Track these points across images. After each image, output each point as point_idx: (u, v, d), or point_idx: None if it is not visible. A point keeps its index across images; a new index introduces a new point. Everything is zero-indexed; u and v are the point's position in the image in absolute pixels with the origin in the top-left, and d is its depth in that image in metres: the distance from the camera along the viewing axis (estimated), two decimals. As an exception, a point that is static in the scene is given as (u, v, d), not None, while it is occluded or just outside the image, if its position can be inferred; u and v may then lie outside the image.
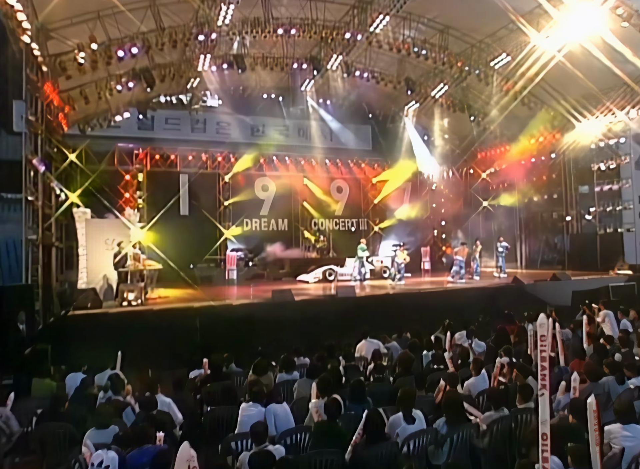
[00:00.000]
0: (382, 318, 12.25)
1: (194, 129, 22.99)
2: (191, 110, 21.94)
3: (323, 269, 18.46)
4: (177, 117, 22.65)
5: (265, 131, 23.85)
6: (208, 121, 23.32)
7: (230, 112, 23.03)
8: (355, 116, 24.71)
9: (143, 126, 22.20)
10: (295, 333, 11.24)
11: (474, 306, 13.23)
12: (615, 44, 15.88)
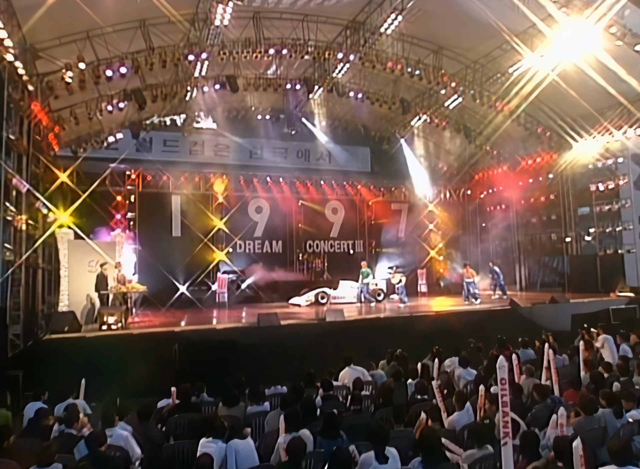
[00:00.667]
0: (371, 343, 11.69)
1: (192, 151, 22.81)
2: (184, 132, 21.59)
3: (315, 292, 17.95)
4: (175, 139, 22.46)
5: (264, 153, 23.64)
6: (206, 143, 23.13)
7: (228, 135, 22.86)
8: (351, 138, 24.50)
9: (141, 148, 22.04)
10: (279, 359, 10.71)
11: (467, 331, 12.67)
12: (609, 62, 15.64)
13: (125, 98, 17.72)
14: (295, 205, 23.13)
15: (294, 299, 18.38)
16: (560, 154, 21.22)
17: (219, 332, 11.36)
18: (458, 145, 24.35)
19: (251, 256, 21.98)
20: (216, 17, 14.27)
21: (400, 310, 16.08)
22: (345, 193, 24.12)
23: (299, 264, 22.59)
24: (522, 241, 23.57)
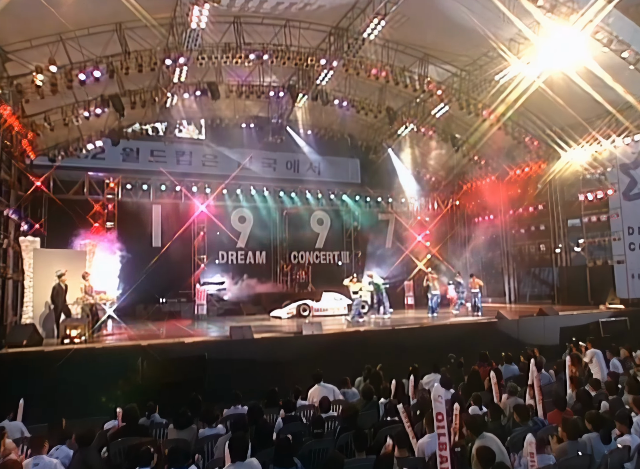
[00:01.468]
0: (350, 358, 11.05)
1: (179, 162, 22.23)
2: (166, 141, 21.04)
3: (297, 304, 17.29)
4: (162, 149, 21.93)
5: (253, 164, 23.16)
6: (194, 153, 22.62)
7: (212, 145, 22.36)
8: (340, 149, 24.02)
9: (128, 158, 21.51)
10: (251, 375, 10.06)
11: (451, 345, 12.04)
12: (596, 69, 15.27)
13: (102, 104, 17.19)
14: (280, 215, 22.55)
15: (275, 311, 17.71)
16: (548, 163, 20.81)
17: (188, 347, 10.66)
18: (446, 155, 23.94)
19: (234, 267, 21.30)
20: (193, 19, 13.75)
21: (382, 323, 15.42)
22: (330, 203, 23.55)
23: (283, 275, 21.95)
24: (511, 252, 23.07)
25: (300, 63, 17.11)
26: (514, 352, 12.37)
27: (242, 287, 20.13)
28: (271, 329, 13.44)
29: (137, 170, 21.22)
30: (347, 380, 8.62)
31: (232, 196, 21.71)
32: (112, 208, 19.70)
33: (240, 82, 19.05)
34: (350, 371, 9.75)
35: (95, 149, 20.29)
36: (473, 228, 24.36)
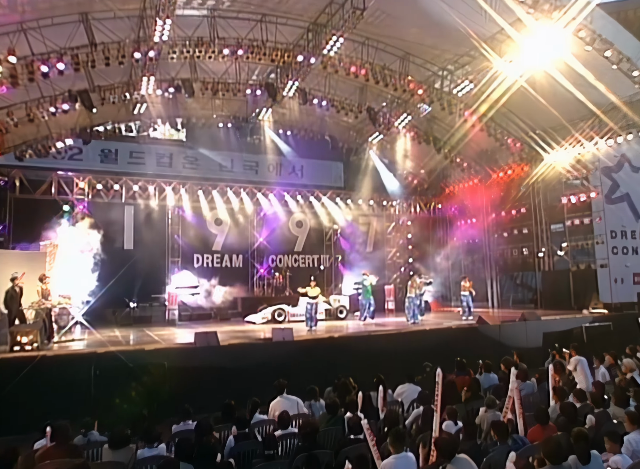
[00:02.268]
0: (321, 367, 10.40)
1: (159, 164, 21.42)
2: (139, 140, 20.25)
3: (272, 309, 16.55)
4: (142, 151, 21.14)
5: (234, 167, 22.52)
6: (174, 155, 21.85)
7: (197, 147, 21.72)
8: (317, 149, 23.37)
9: (106, 160, 20.73)
10: (211, 386, 9.36)
11: (429, 352, 11.44)
12: (578, 68, 14.85)
13: (70, 100, 16.37)
14: (257, 218, 21.84)
15: (250, 316, 16.95)
16: (531, 166, 20.40)
17: (148, 355, 9.89)
18: (427, 157, 23.46)
19: (209, 271, 20.51)
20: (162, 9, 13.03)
21: (359, 328, 14.74)
22: (310, 206, 22.88)
23: (260, 279, 21.20)
24: (493, 256, 22.59)
25: (277, 59, 16.45)
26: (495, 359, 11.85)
27: (217, 291, 19.34)
28: (241, 336, 12.69)
29: (116, 172, 20.41)
30: (315, 391, 7.90)
31: (207, 197, 20.93)
32: (81, 209, 18.81)
33: (216, 80, 18.35)
34: (322, 380, 9.07)
35: (67, 148, 19.51)
36: (455, 232, 23.85)
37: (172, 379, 9.31)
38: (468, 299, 16.82)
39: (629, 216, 19.58)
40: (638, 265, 19.36)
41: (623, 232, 19.35)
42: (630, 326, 15.08)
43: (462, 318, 16.36)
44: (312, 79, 19.69)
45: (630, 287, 18.95)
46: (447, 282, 23.46)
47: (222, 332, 13.46)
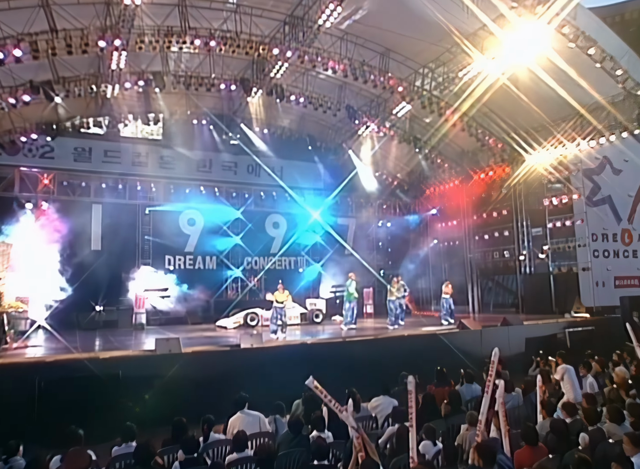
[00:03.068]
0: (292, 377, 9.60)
1: (134, 163, 20.43)
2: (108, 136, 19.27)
3: (245, 313, 15.70)
4: (117, 149, 20.17)
5: (213, 168, 21.69)
6: (150, 154, 20.89)
7: (175, 146, 20.82)
8: (296, 148, 22.66)
9: (80, 158, 19.73)
10: (170, 399, 8.51)
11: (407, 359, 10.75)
12: (560, 64, 14.36)
13: (32, 91, 15.38)
14: (232, 218, 20.98)
15: (221, 320, 16.09)
16: (513, 167, 19.91)
17: (102, 363, 9.01)
18: (407, 157, 22.89)
19: (181, 273, 19.60)
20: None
21: (334, 334, 13.97)
22: (287, 206, 22.12)
23: (234, 282, 20.34)
24: (474, 259, 22.05)
25: (251, 52, 15.67)
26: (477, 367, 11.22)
27: (189, 294, 18.46)
28: (208, 342, 11.84)
29: (90, 171, 19.43)
30: (281, 406, 7.13)
31: (180, 196, 20.03)
32: (44, 207, 17.78)
33: (189, 73, 17.53)
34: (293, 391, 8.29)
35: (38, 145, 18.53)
36: (435, 234, 23.29)
37: (126, 391, 8.46)
38: (449, 302, 16.18)
39: (610, 219, 19.18)
40: (619, 268, 18.97)
41: (604, 235, 18.92)
42: (613, 330, 14.58)
43: (443, 322, 15.71)
44: (290, 76, 19.00)
45: (611, 291, 18.52)
46: (427, 285, 22.86)
47: (188, 338, 12.69)
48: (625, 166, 19.30)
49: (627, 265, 19.18)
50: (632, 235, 19.44)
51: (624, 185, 19.32)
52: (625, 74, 15.46)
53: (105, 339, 13.37)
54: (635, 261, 19.30)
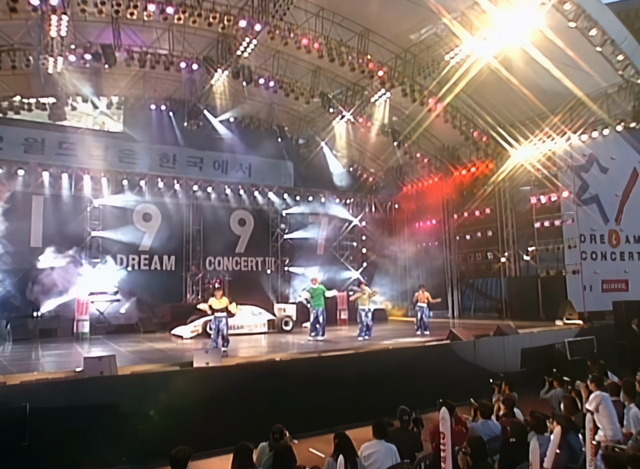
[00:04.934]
0: (257, 406, 7.67)
1: (92, 157, 17.97)
2: (52, 117, 16.83)
3: (204, 320, 13.53)
4: (73, 141, 17.72)
5: (177, 163, 19.58)
6: (109, 147, 18.54)
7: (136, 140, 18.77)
8: (264, 139, 20.62)
9: (31, 150, 17.43)
10: (98, 437, 6.45)
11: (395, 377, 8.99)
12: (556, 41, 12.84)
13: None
14: (193, 214, 18.79)
15: (178, 329, 13.90)
16: (497, 163, 18.41)
17: (6, 391, 6.82)
18: (385, 152, 21.16)
19: (134, 274, 17.31)
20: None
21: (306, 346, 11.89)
22: (254, 202, 20.05)
23: (194, 284, 18.12)
24: (454, 260, 20.44)
25: (215, 23, 13.60)
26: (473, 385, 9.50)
27: (142, 298, 16.22)
28: (155, 358, 9.67)
29: (41, 163, 17.01)
30: (241, 453, 5.09)
31: (134, 189, 17.75)
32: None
33: (145, 49, 15.34)
34: (257, 427, 6.28)
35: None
36: (413, 234, 21.60)
37: (37, 428, 6.32)
38: (424, 311, 14.03)
39: (598, 219, 17.89)
40: (607, 272, 17.69)
41: (592, 236, 17.60)
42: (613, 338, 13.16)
43: (417, 333, 13.71)
44: (258, 57, 17.01)
45: (598, 295, 17.22)
46: (404, 288, 21.16)
47: (133, 351, 10.57)
48: (612, 163, 18.06)
49: (615, 268, 17.94)
50: (619, 236, 18.23)
51: (611, 184, 18.08)
52: (626, 60, 14.08)
53: (32, 353, 11.05)
54: (623, 264, 18.09)
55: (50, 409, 6.70)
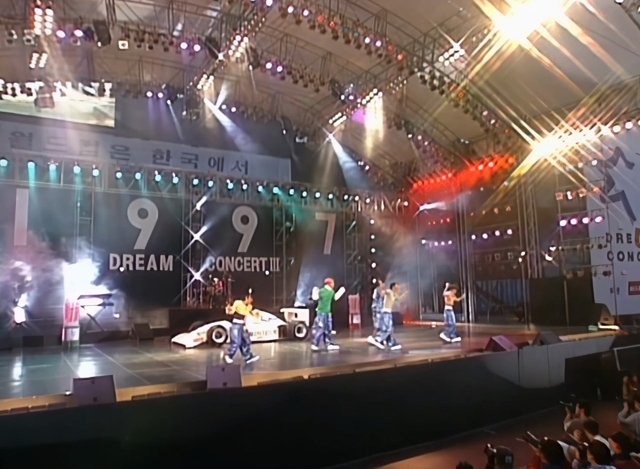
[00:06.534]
0: (287, 440, 6.20)
1: (82, 153, 16.40)
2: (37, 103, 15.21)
3: (209, 327, 11.95)
4: (63, 136, 16.17)
5: (171, 159, 18.13)
6: (101, 143, 17.10)
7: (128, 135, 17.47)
8: (268, 131, 19.17)
9: (17, 144, 15.95)
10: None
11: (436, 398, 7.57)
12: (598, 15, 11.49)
13: None
14: (193, 210, 17.17)
15: (179, 337, 12.28)
16: (518, 157, 17.04)
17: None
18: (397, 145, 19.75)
19: (129, 276, 15.68)
20: None
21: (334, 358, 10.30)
22: (258, 198, 18.50)
23: (194, 286, 16.50)
24: (470, 261, 19.04)
25: None
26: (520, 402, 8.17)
27: (137, 302, 14.62)
28: (158, 375, 8.05)
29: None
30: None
31: (129, 182, 16.13)
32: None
33: (142, 28, 13.77)
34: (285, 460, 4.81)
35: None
36: (426, 233, 20.21)
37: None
38: (451, 314, 12.42)
39: (624, 218, 16.62)
40: (634, 273, 16.41)
41: (619, 236, 16.32)
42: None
43: (445, 338, 12.17)
44: (265, 40, 15.55)
45: (625, 298, 15.95)
46: (415, 290, 19.77)
47: (131, 364, 8.99)
48: (637, 159, 16.83)
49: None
50: (646, 236, 16.95)
51: (637, 180, 16.82)
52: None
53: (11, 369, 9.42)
54: (650, 265, 16.82)
55: (29, 448, 5.16)
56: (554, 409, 9.61)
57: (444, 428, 7.99)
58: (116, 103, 17.27)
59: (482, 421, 8.59)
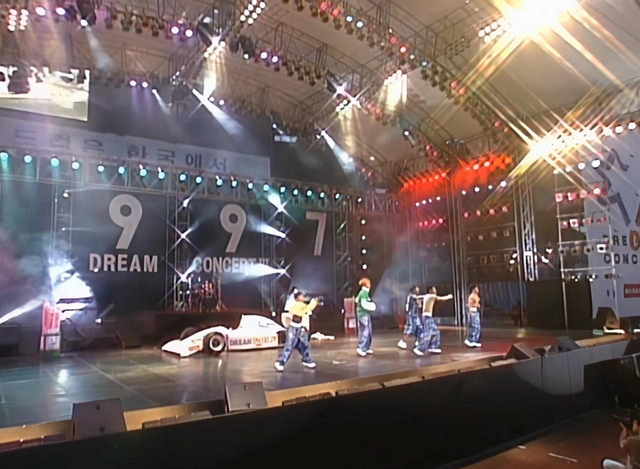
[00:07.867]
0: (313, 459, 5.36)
1: (53, 146, 14.97)
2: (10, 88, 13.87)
3: (205, 334, 10.93)
4: (33, 129, 14.84)
5: (146, 155, 16.75)
6: (72, 136, 15.69)
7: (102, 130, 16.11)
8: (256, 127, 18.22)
9: None
10: None
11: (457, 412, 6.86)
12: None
13: None
14: (179, 207, 16.05)
15: (171, 344, 11.22)
16: (515, 157, 16.63)
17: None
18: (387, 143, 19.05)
19: (111, 277, 14.48)
20: None
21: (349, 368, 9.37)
22: (247, 195, 17.49)
23: (182, 289, 15.41)
24: (464, 263, 18.50)
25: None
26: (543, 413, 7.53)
27: (121, 306, 13.45)
28: (164, 393, 7.04)
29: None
30: None
31: (111, 176, 14.92)
32: None
33: (131, 11, 12.64)
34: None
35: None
36: (419, 233, 19.60)
37: None
38: (476, 317, 11.81)
39: (620, 220, 16.42)
40: (629, 276, 16.24)
41: (615, 238, 16.10)
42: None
43: (468, 344, 11.54)
44: (260, 29, 14.61)
45: (621, 300, 15.75)
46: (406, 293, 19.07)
47: (127, 381, 7.92)
48: (631, 161, 16.66)
49: (636, 272, 16.53)
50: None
51: (632, 182, 16.65)
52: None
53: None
54: (644, 267, 16.71)
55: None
56: (577, 418, 9.32)
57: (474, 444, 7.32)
58: (91, 94, 15.95)
59: (509, 434, 7.94)
